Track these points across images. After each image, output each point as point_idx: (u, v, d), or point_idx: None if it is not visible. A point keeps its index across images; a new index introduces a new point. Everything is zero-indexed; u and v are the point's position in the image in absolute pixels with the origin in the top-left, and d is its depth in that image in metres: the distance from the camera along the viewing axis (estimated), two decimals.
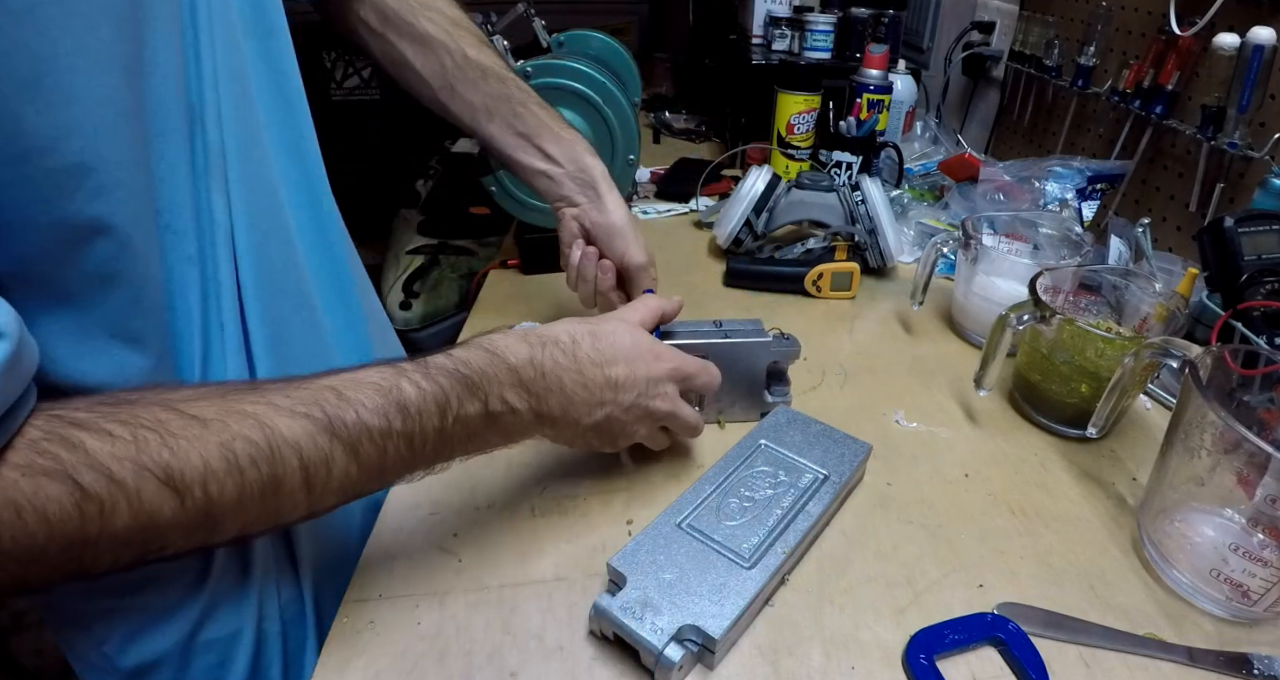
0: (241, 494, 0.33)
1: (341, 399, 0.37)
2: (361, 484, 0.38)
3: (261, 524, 0.35)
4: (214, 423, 0.33)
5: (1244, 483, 0.45)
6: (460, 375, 0.41)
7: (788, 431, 0.56)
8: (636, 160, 0.79)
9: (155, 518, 0.31)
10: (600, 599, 0.42)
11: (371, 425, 0.37)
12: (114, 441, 0.30)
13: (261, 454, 0.33)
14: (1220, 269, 0.64)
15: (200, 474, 0.32)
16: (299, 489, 0.35)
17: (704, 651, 0.42)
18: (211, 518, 0.33)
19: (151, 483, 0.31)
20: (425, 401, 0.39)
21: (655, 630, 0.40)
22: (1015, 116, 1.21)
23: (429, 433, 0.39)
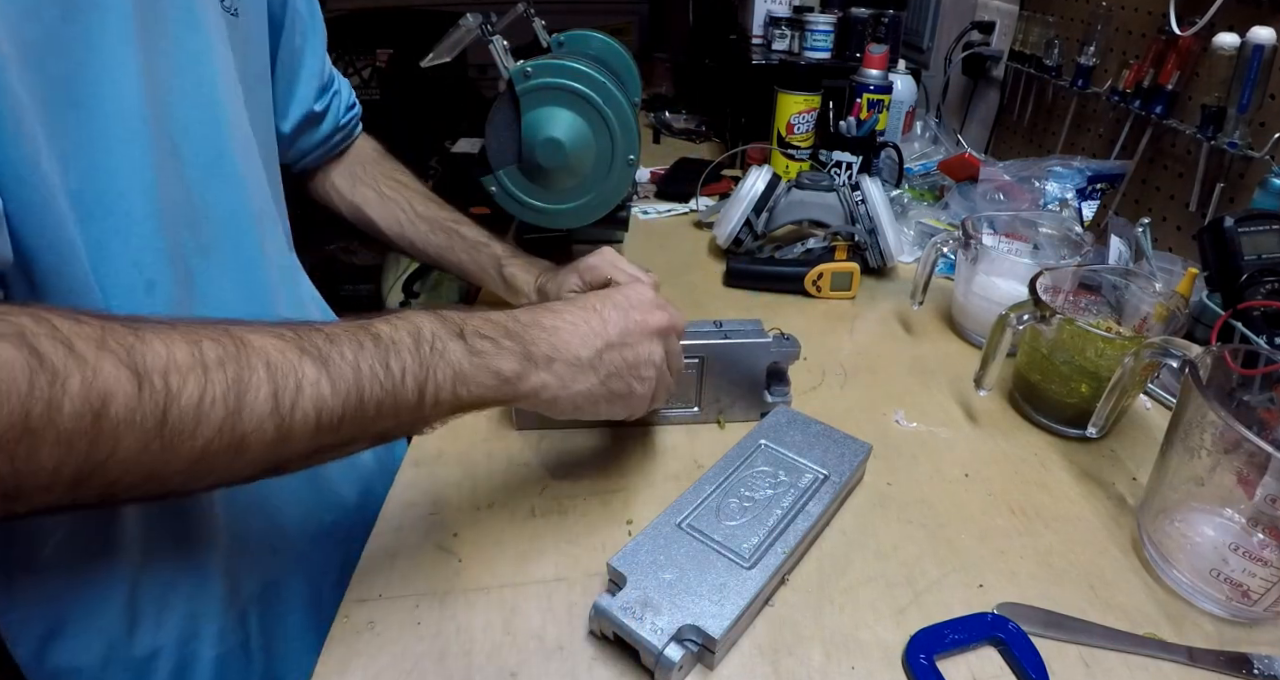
0: (203, 393, 0.30)
1: (314, 328, 0.36)
2: (338, 412, 0.34)
3: (221, 449, 0.31)
4: (183, 325, 0.32)
5: (1244, 483, 0.45)
6: (435, 315, 0.40)
7: (788, 431, 0.56)
8: (636, 160, 0.79)
9: (108, 402, 0.28)
10: (600, 599, 0.42)
11: (343, 345, 0.35)
12: (81, 323, 0.29)
13: (228, 354, 0.32)
14: (1220, 269, 0.64)
15: (163, 363, 0.30)
16: (265, 401, 0.32)
17: (704, 651, 0.42)
18: (168, 420, 0.30)
19: (110, 360, 0.29)
20: (398, 331, 0.38)
21: (655, 630, 0.40)
22: (1015, 116, 1.21)
23: (405, 358, 0.37)
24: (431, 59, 0.76)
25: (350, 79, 2.23)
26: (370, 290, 1.67)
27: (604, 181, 0.80)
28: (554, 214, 0.82)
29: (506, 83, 0.75)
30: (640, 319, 0.46)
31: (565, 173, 0.78)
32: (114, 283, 0.41)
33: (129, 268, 0.41)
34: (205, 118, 0.45)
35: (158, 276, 0.42)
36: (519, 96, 0.75)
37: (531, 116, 0.75)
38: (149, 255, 0.42)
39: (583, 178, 0.79)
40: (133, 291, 0.42)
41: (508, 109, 0.76)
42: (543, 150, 0.75)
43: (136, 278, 0.42)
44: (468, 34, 0.75)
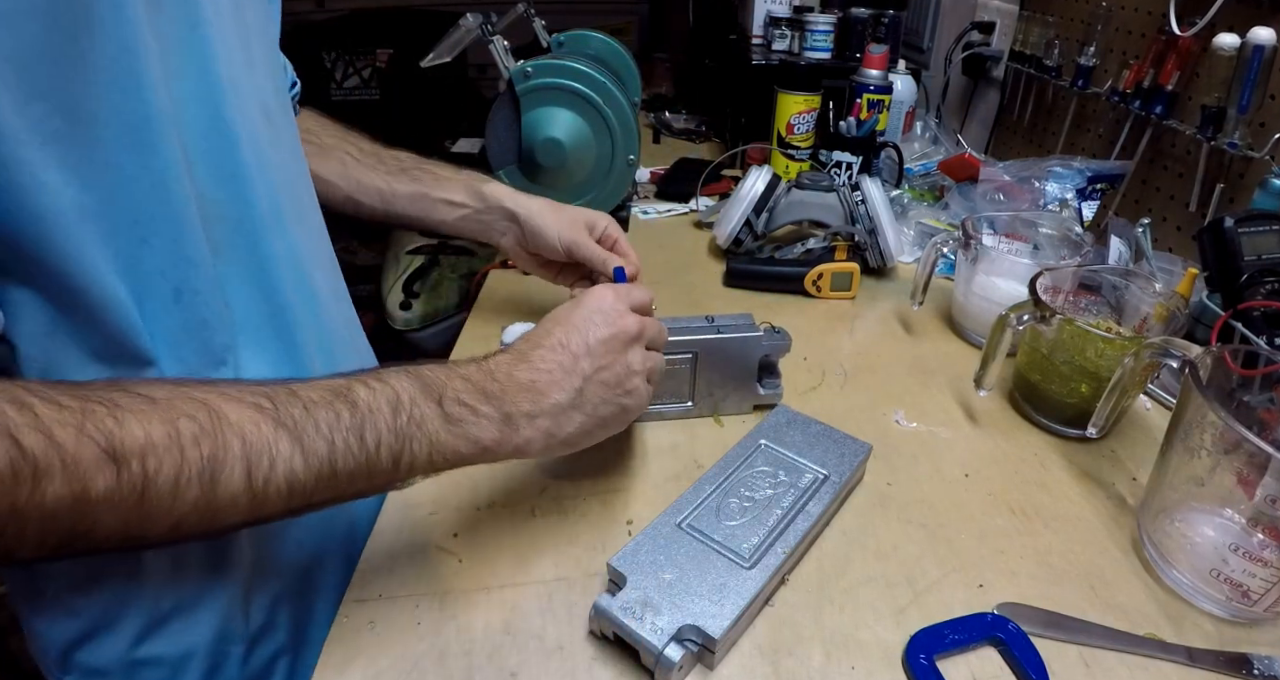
0: (179, 474, 0.32)
1: (292, 394, 0.36)
2: (310, 484, 0.36)
3: (197, 519, 0.33)
4: (162, 402, 0.33)
5: (1244, 483, 0.45)
6: (412, 377, 0.40)
7: (788, 431, 0.56)
8: (636, 160, 0.80)
9: (89, 488, 0.30)
10: (600, 599, 0.42)
11: (319, 417, 0.36)
12: (62, 409, 0.30)
13: (205, 434, 0.33)
14: (1220, 269, 0.64)
15: (140, 445, 0.31)
16: (239, 478, 0.33)
17: (704, 651, 0.42)
18: (146, 499, 0.31)
19: (90, 449, 0.30)
20: (375, 399, 0.38)
21: (655, 630, 0.40)
22: (1015, 116, 1.21)
23: (381, 429, 0.37)
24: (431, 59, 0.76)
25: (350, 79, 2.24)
26: (370, 290, 1.67)
27: (604, 181, 0.80)
28: None
29: (506, 83, 0.75)
30: (607, 335, 0.45)
31: (565, 172, 0.78)
32: (145, 294, 0.40)
33: (155, 277, 0.41)
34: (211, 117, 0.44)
35: (183, 283, 0.42)
36: (519, 96, 0.75)
37: (531, 116, 0.75)
38: (170, 262, 0.41)
39: (583, 178, 0.79)
40: (163, 300, 0.41)
41: (508, 109, 0.76)
42: (543, 150, 0.75)
43: (164, 286, 0.41)
44: (468, 34, 0.75)
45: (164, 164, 0.40)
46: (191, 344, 0.43)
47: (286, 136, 0.51)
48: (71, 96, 0.35)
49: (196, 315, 0.43)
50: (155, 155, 0.39)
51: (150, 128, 0.39)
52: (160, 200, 0.40)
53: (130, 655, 0.46)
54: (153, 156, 0.39)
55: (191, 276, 0.42)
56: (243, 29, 0.46)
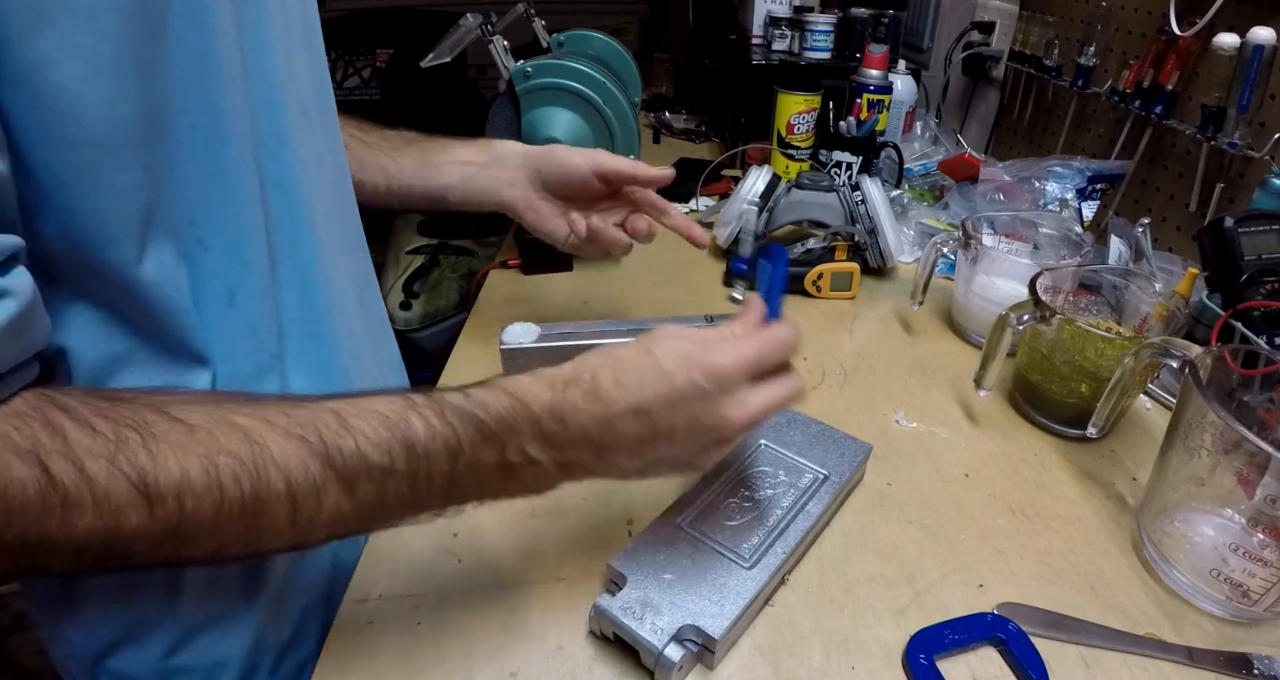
0: (218, 513, 0.31)
1: (343, 425, 0.34)
2: (355, 522, 0.35)
3: (238, 548, 0.33)
4: (200, 431, 0.31)
5: (1244, 483, 0.45)
6: (477, 420, 0.36)
7: (788, 431, 0.56)
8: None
9: (120, 524, 0.29)
10: (600, 599, 0.42)
11: (372, 459, 0.34)
12: (95, 436, 0.29)
13: (246, 472, 0.31)
14: (1220, 269, 0.64)
15: (176, 484, 0.30)
16: (283, 518, 0.32)
17: (704, 651, 0.42)
18: (181, 533, 0.31)
19: (122, 485, 0.29)
20: (434, 442, 0.35)
21: (655, 630, 0.40)
22: (1015, 116, 1.21)
23: (435, 477, 0.35)
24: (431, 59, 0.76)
25: (350, 79, 2.24)
26: None
27: None
28: None
29: (506, 83, 0.75)
30: (709, 423, 0.39)
31: None
32: (200, 295, 0.40)
33: (211, 280, 0.40)
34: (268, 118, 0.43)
35: (238, 287, 0.41)
36: (519, 96, 0.75)
37: (531, 116, 0.75)
38: (226, 264, 0.40)
39: None
40: (218, 304, 0.41)
41: (508, 109, 0.76)
42: None
43: (220, 289, 0.41)
44: (468, 34, 0.75)
45: (228, 165, 0.39)
46: (243, 349, 0.43)
47: (325, 136, 0.51)
48: (153, 98, 0.35)
49: (249, 320, 0.42)
50: (221, 157, 0.39)
51: (220, 129, 0.39)
52: (220, 202, 0.40)
53: (162, 664, 0.46)
54: (218, 158, 0.39)
55: (247, 281, 0.42)
56: (286, 22, 0.45)
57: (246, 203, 0.41)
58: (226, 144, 0.39)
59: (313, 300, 0.48)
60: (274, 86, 0.43)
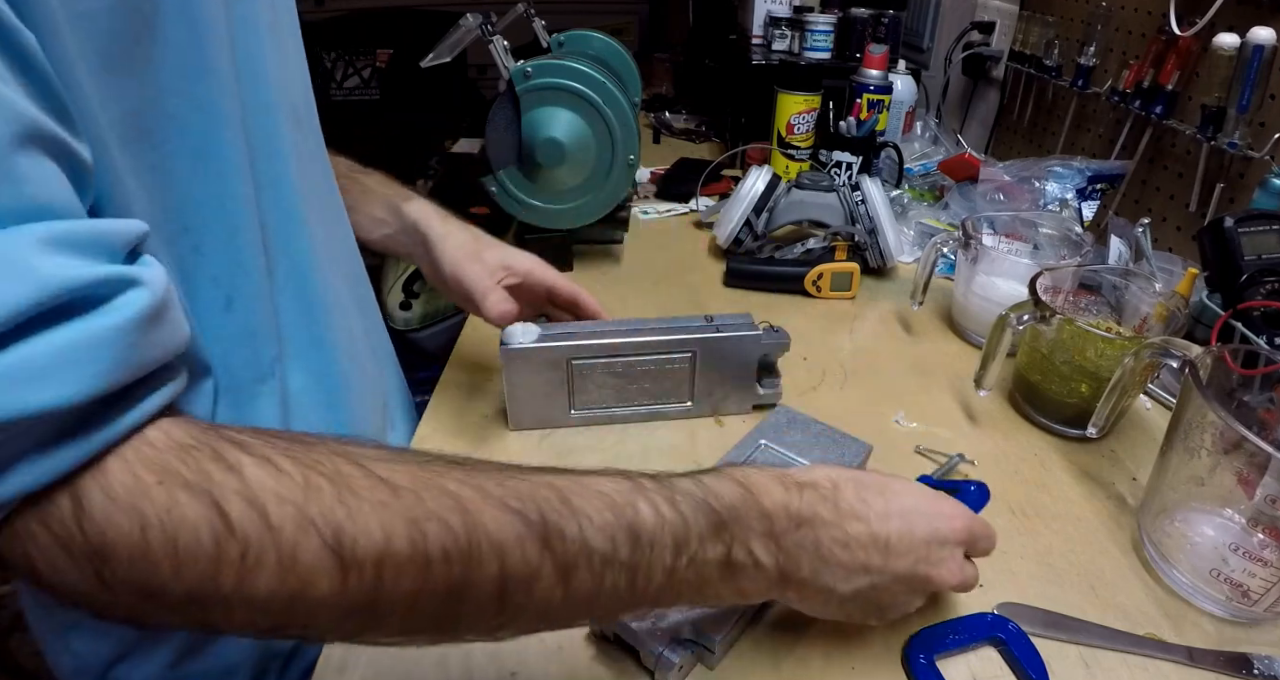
0: (420, 590, 0.27)
1: (565, 504, 0.30)
2: (561, 614, 0.31)
3: (428, 633, 0.29)
4: (406, 492, 0.27)
5: (1244, 483, 0.45)
6: (708, 508, 0.34)
7: (788, 431, 0.56)
8: (636, 160, 0.79)
9: (307, 588, 0.25)
10: None
11: (594, 546, 0.30)
12: (280, 477, 0.26)
13: (457, 547, 0.27)
14: (1220, 269, 0.64)
15: (378, 550, 0.26)
16: (489, 602, 0.29)
17: (704, 651, 0.42)
18: (375, 609, 0.27)
19: (314, 542, 0.25)
20: (662, 532, 0.32)
21: (655, 630, 0.40)
22: (1015, 116, 1.21)
23: (656, 570, 0.32)
24: (431, 59, 0.76)
25: (350, 79, 2.24)
26: None
27: (604, 181, 0.80)
28: (554, 214, 0.82)
29: (506, 83, 0.75)
30: (922, 574, 0.38)
31: (565, 173, 0.78)
32: (197, 301, 0.39)
33: (208, 284, 0.39)
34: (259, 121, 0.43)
35: (234, 292, 0.41)
36: (519, 96, 0.75)
37: (531, 116, 0.75)
38: (222, 269, 0.40)
39: (583, 178, 0.79)
40: (215, 309, 0.40)
41: (508, 109, 0.76)
42: (543, 150, 0.75)
43: (216, 294, 0.40)
44: (468, 34, 0.75)
45: (222, 169, 0.39)
46: (241, 354, 0.42)
47: (313, 137, 0.50)
48: (140, 100, 0.34)
49: (247, 325, 0.42)
50: (215, 160, 0.38)
51: (213, 132, 0.38)
52: (216, 206, 0.39)
53: (171, 673, 0.45)
54: (212, 161, 0.38)
55: (244, 284, 0.41)
56: (277, 21, 0.45)
57: (242, 205, 0.40)
58: (220, 146, 0.38)
59: (310, 302, 0.47)
60: (267, 87, 0.42)
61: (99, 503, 0.24)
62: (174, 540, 0.24)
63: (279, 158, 0.44)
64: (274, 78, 0.43)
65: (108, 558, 0.24)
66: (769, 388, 0.63)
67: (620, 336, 0.57)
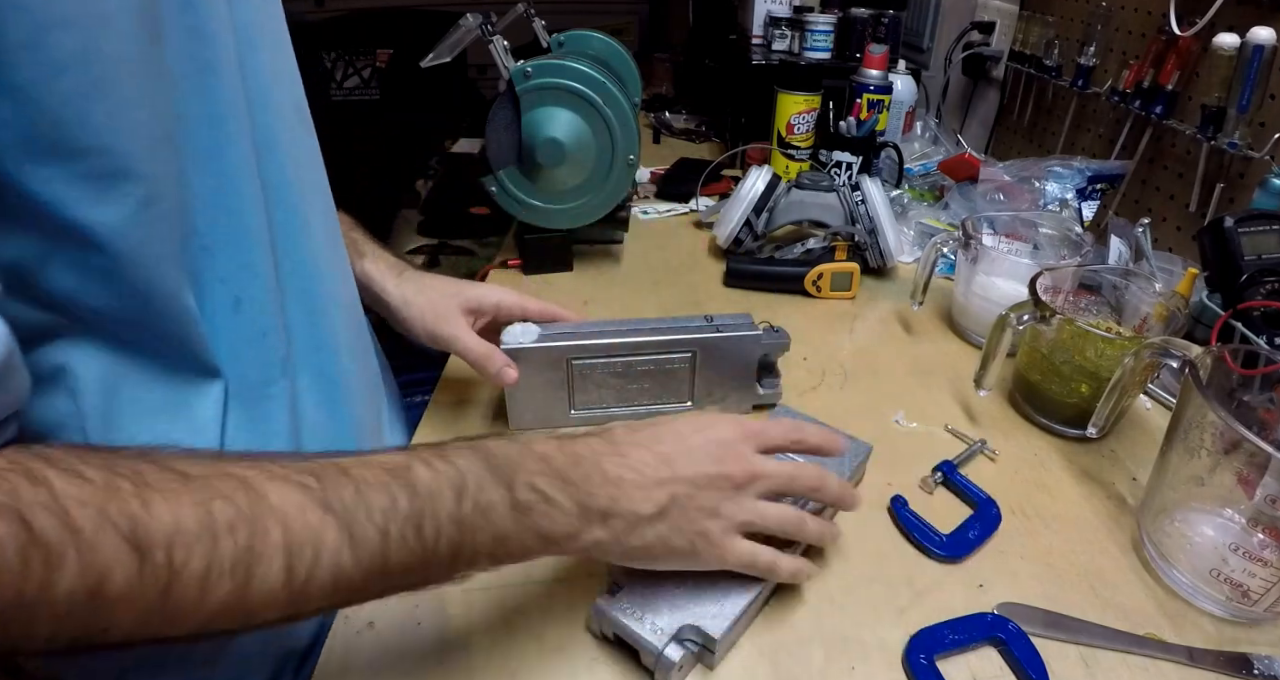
0: (209, 566, 0.28)
1: (344, 474, 0.33)
2: (357, 579, 0.32)
3: (227, 618, 0.30)
4: (196, 480, 0.29)
5: (1244, 483, 0.45)
6: (481, 457, 0.36)
7: None
8: (636, 160, 0.79)
9: (106, 581, 0.26)
10: (600, 600, 0.42)
11: (371, 501, 0.32)
12: (83, 485, 0.27)
13: (241, 517, 0.29)
14: (1220, 269, 0.64)
15: (168, 533, 0.27)
16: (277, 573, 0.30)
17: (704, 651, 0.42)
18: (170, 595, 0.28)
19: (111, 536, 0.26)
20: (438, 482, 0.34)
21: (655, 630, 0.40)
22: (1015, 116, 1.21)
23: (441, 519, 0.33)
24: (431, 59, 0.76)
25: (350, 79, 2.24)
26: None
27: (604, 181, 0.80)
28: (554, 214, 0.82)
29: (506, 83, 0.75)
30: (713, 471, 0.40)
31: (565, 173, 0.78)
32: (206, 302, 0.39)
33: (216, 285, 0.39)
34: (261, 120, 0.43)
35: (243, 292, 0.41)
36: (519, 96, 0.75)
37: (531, 116, 0.75)
38: (231, 270, 0.40)
39: (583, 178, 0.79)
40: (224, 310, 0.40)
41: (508, 109, 0.76)
42: (543, 150, 0.75)
43: (225, 295, 0.40)
44: (468, 34, 0.75)
45: (230, 168, 0.39)
46: (251, 355, 0.42)
47: (308, 136, 0.50)
48: (156, 102, 0.34)
49: (256, 326, 0.42)
50: (223, 160, 0.38)
51: (220, 131, 0.38)
52: (224, 206, 0.39)
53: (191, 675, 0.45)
54: (220, 161, 0.38)
55: (252, 285, 0.41)
56: (269, 19, 0.45)
57: (249, 206, 0.41)
58: (227, 146, 0.39)
59: (313, 303, 0.47)
60: (267, 86, 0.42)
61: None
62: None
63: (282, 158, 0.44)
64: (274, 78, 0.43)
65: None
66: (769, 388, 0.63)
67: (620, 336, 0.57)
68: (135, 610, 0.28)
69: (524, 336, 0.57)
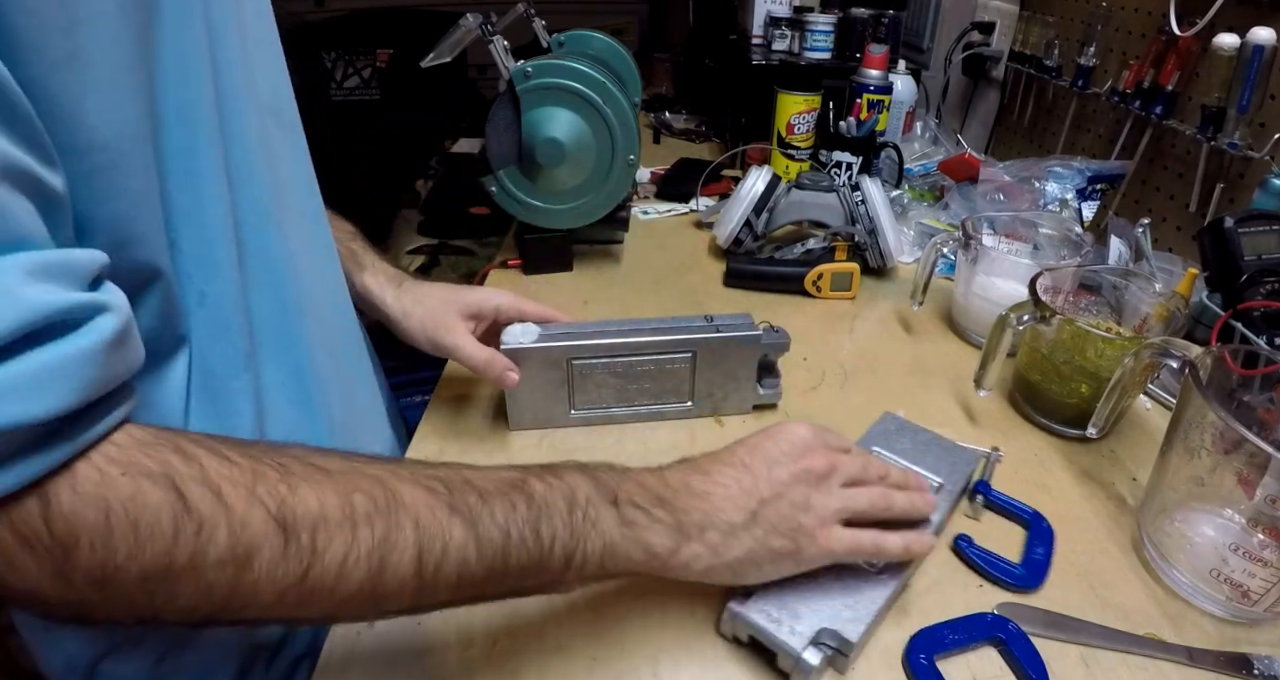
0: (348, 553, 0.30)
1: (467, 483, 0.35)
2: (479, 575, 0.34)
3: (358, 604, 0.32)
4: (337, 474, 0.32)
5: (1244, 483, 0.45)
6: (588, 474, 0.39)
7: (898, 439, 0.56)
8: (636, 160, 0.79)
9: (253, 557, 0.28)
10: (733, 603, 0.42)
11: (494, 506, 0.35)
12: (232, 466, 0.29)
13: (378, 510, 0.31)
14: (1220, 269, 0.64)
15: (313, 518, 0.30)
16: (409, 563, 0.32)
17: (837, 655, 0.41)
18: (310, 576, 0.30)
19: (260, 513, 0.28)
20: (552, 493, 0.37)
21: (794, 634, 0.40)
22: (1015, 116, 1.21)
23: (557, 525, 0.36)
24: (431, 59, 0.76)
25: (350, 79, 2.24)
26: None
27: (604, 181, 0.80)
28: (554, 214, 0.82)
29: (507, 83, 0.75)
30: (795, 467, 0.42)
31: (565, 173, 0.78)
32: (174, 296, 0.40)
33: (184, 280, 0.40)
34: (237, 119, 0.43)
35: (206, 287, 0.42)
36: (519, 96, 0.75)
37: (531, 116, 0.75)
38: (195, 265, 0.41)
39: (583, 178, 0.79)
40: (189, 303, 0.41)
41: (508, 109, 0.76)
42: (543, 150, 0.75)
43: (190, 289, 0.41)
44: (468, 34, 0.75)
45: (197, 166, 0.40)
46: (214, 349, 0.43)
47: (290, 135, 0.51)
48: (149, 98, 0.35)
49: (218, 320, 0.43)
50: (191, 157, 0.39)
51: (191, 128, 0.39)
52: (190, 202, 0.40)
53: (157, 669, 0.46)
54: (189, 158, 0.39)
55: (216, 280, 0.42)
56: (242, 17, 0.45)
57: (214, 202, 0.41)
58: (196, 143, 0.39)
59: (284, 300, 0.48)
60: (237, 84, 0.43)
61: (67, 500, 0.27)
62: (135, 523, 0.26)
63: (251, 157, 0.44)
64: (247, 76, 0.43)
65: (70, 549, 0.26)
66: (769, 388, 0.63)
67: (620, 336, 0.57)
68: (276, 589, 0.29)
69: (524, 337, 0.57)
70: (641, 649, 0.43)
